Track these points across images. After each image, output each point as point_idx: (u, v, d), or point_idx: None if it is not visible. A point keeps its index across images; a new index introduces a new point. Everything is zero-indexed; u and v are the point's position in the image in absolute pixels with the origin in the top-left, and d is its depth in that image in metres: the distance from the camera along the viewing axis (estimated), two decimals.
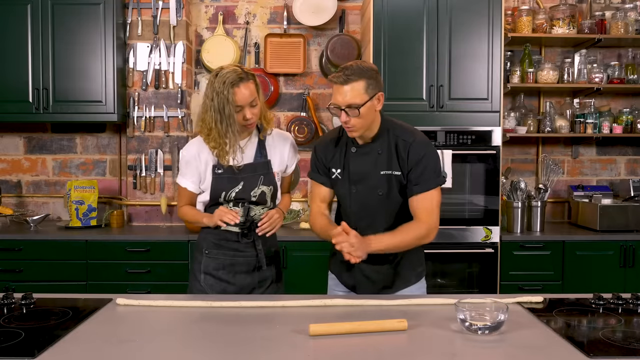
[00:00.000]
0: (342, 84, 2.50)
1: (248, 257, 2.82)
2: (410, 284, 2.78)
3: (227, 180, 2.74)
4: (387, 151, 2.65)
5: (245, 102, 2.62)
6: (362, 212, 2.70)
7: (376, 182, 2.65)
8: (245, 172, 2.76)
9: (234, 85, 2.59)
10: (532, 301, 2.41)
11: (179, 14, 4.78)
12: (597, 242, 4.40)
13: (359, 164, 2.68)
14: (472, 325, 1.99)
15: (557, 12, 4.71)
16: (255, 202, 2.78)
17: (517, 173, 5.08)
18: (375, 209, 2.69)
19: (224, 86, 2.59)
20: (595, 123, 4.81)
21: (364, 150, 2.68)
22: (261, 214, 2.81)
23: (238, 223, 2.71)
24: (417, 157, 2.61)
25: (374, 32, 4.32)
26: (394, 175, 2.63)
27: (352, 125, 2.53)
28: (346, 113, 2.50)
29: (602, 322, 2.17)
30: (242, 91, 2.60)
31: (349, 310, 2.31)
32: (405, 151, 2.63)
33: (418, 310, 2.29)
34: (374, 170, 2.65)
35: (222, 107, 2.60)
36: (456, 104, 4.35)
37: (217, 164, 2.75)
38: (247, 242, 2.80)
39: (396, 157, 2.64)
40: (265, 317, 2.22)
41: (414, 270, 2.79)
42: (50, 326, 2.09)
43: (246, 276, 2.82)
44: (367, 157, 2.67)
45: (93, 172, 5.13)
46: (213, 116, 2.64)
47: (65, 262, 4.31)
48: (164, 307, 2.35)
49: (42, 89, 4.54)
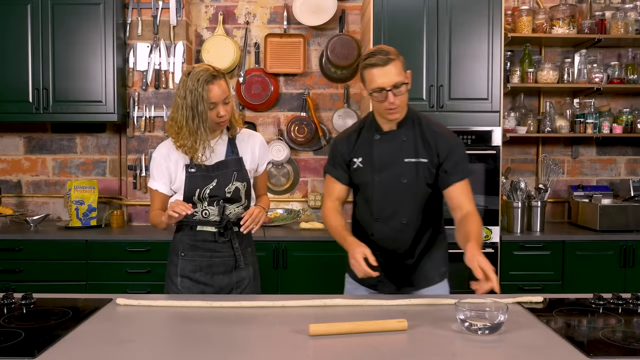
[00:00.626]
0: (383, 65, 2.49)
1: (225, 258, 2.81)
2: (433, 283, 2.76)
3: (201, 178, 2.73)
4: (413, 138, 2.64)
5: (219, 99, 2.64)
6: (385, 201, 2.67)
7: (400, 169, 2.63)
8: (218, 169, 2.76)
9: (208, 82, 2.61)
10: (532, 301, 2.41)
11: (179, 14, 4.78)
12: (597, 242, 4.40)
13: (383, 151, 2.66)
14: (472, 325, 1.99)
15: (557, 12, 4.71)
16: (229, 199, 2.77)
17: (517, 173, 5.08)
18: (399, 198, 2.64)
19: (198, 83, 2.60)
20: (595, 123, 4.81)
21: (387, 137, 2.66)
22: (236, 212, 2.80)
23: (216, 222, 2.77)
24: (448, 146, 2.62)
25: (374, 32, 4.32)
26: (420, 162, 2.62)
27: (399, 105, 2.54)
28: (393, 94, 2.49)
29: (602, 322, 2.17)
30: (216, 88, 2.63)
31: (349, 310, 2.31)
32: (434, 140, 2.62)
33: (418, 310, 2.29)
34: (398, 157, 2.64)
35: (196, 104, 2.61)
36: (456, 104, 4.35)
37: (189, 163, 2.75)
38: (224, 241, 2.78)
39: (422, 144, 2.63)
40: (265, 317, 2.22)
41: (437, 269, 2.78)
42: (50, 326, 2.09)
43: (224, 277, 2.81)
44: (391, 144, 2.65)
45: (93, 172, 5.13)
46: (185, 114, 2.65)
47: (65, 262, 4.30)
48: (164, 307, 2.35)
49: (42, 89, 4.54)
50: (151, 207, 2.87)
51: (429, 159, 2.62)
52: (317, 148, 5.08)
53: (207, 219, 2.78)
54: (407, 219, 2.66)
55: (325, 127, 5.06)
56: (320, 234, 4.47)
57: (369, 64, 2.52)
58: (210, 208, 2.76)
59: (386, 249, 2.71)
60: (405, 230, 2.69)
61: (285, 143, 5.01)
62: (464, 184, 2.63)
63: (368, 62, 2.52)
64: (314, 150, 5.12)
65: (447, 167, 2.61)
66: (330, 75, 5.05)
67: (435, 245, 2.77)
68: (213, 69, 2.67)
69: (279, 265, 4.27)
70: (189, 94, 2.62)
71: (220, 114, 2.67)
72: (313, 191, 5.10)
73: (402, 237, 2.70)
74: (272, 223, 4.76)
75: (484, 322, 2.00)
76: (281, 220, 4.82)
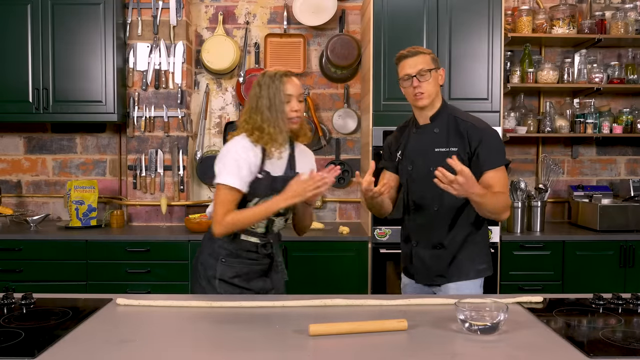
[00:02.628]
0: (412, 56, 2.76)
1: (263, 265, 2.83)
2: (468, 279, 2.82)
3: (264, 187, 2.70)
4: (445, 130, 2.80)
5: (295, 92, 2.72)
6: (417, 189, 2.85)
7: (431, 158, 2.77)
8: (279, 183, 2.70)
9: (283, 76, 2.72)
10: (532, 301, 2.41)
11: (179, 14, 4.78)
12: (597, 242, 4.40)
13: (416, 142, 2.87)
14: (472, 325, 1.99)
15: (557, 12, 4.71)
16: (280, 213, 2.76)
17: (517, 173, 5.08)
18: (430, 186, 2.66)
19: (275, 77, 2.71)
20: (595, 123, 4.81)
21: (422, 130, 2.86)
22: (280, 225, 2.86)
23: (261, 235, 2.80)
24: (480, 135, 2.74)
25: (374, 32, 4.32)
26: (450, 152, 2.73)
27: (424, 90, 2.74)
28: (417, 79, 2.72)
29: (602, 322, 2.17)
30: (293, 81, 2.74)
31: (349, 310, 2.31)
32: (465, 130, 2.77)
33: (418, 310, 2.29)
34: (430, 147, 2.81)
35: (273, 95, 2.68)
36: (456, 104, 4.31)
37: (259, 167, 2.71)
38: (265, 253, 2.82)
39: (455, 134, 2.77)
40: (265, 317, 2.22)
41: (473, 264, 2.83)
42: (50, 326, 2.09)
43: (259, 280, 2.82)
44: (424, 136, 2.85)
45: (93, 172, 5.13)
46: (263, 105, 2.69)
47: (65, 262, 4.30)
48: (164, 307, 2.35)
49: (42, 89, 4.55)
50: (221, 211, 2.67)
51: (460, 148, 2.74)
52: (317, 148, 5.07)
53: (253, 230, 2.78)
54: (438, 205, 2.79)
55: (325, 127, 5.06)
56: (320, 234, 4.47)
57: (400, 56, 2.81)
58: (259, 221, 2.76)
59: (422, 237, 2.87)
60: (437, 218, 2.82)
61: None
62: (498, 171, 2.72)
63: (400, 55, 2.81)
64: (314, 150, 5.07)
65: (480, 155, 2.72)
66: (330, 75, 5.05)
67: (474, 241, 2.85)
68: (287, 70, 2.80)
69: None
70: (266, 89, 2.70)
71: (295, 108, 2.72)
72: None
73: (436, 225, 2.82)
74: None
75: (484, 322, 1.99)
76: None
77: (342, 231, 4.45)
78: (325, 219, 5.09)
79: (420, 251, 2.86)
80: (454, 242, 2.81)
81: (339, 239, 4.36)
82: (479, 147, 2.72)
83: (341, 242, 4.33)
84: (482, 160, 2.71)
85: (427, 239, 2.85)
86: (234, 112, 5.09)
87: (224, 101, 5.11)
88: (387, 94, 4.29)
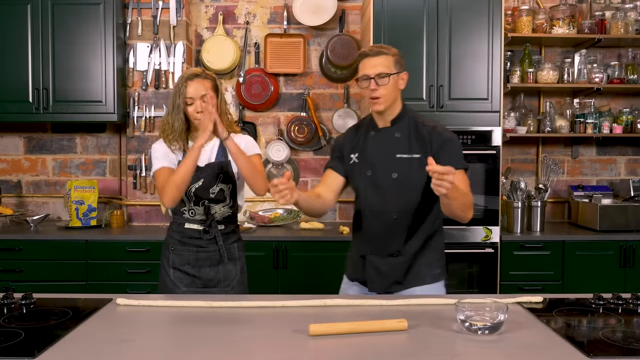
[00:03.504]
0: (373, 56, 2.67)
1: (210, 252, 2.98)
2: (424, 284, 2.74)
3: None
4: (407, 135, 2.72)
5: (196, 95, 2.83)
6: (375, 196, 2.73)
7: (391, 165, 2.70)
8: (205, 170, 2.92)
9: (187, 79, 2.84)
10: (532, 301, 2.41)
11: (179, 14, 4.78)
12: (597, 242, 4.40)
13: (376, 147, 2.76)
14: (472, 325, 1.99)
15: (557, 12, 4.71)
16: (214, 199, 2.94)
17: (517, 173, 5.08)
18: (389, 193, 2.69)
19: (181, 80, 2.86)
20: (595, 123, 4.81)
21: (382, 133, 2.77)
22: (222, 212, 2.98)
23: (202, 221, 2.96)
24: (442, 140, 2.69)
25: (374, 32, 4.32)
26: (413, 158, 2.68)
27: (381, 95, 2.65)
28: (375, 82, 2.63)
29: (602, 322, 2.17)
30: (194, 84, 2.83)
31: (349, 310, 2.31)
32: (428, 135, 2.70)
33: (418, 310, 2.29)
34: (390, 153, 2.72)
35: (174, 98, 2.86)
36: (456, 104, 4.35)
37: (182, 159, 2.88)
38: (208, 238, 2.96)
39: (417, 140, 2.70)
40: (264, 317, 2.22)
41: (430, 270, 2.75)
42: (50, 326, 2.09)
43: (210, 270, 2.98)
44: (384, 141, 2.75)
45: (93, 172, 5.13)
46: (169, 108, 2.90)
47: (65, 262, 4.31)
48: (164, 307, 2.35)
49: (42, 89, 4.55)
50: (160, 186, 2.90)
51: (422, 154, 2.66)
52: (317, 148, 5.08)
53: (193, 218, 2.96)
54: (397, 214, 2.69)
55: (325, 127, 5.06)
56: (320, 234, 4.47)
57: (362, 53, 2.72)
58: (196, 208, 2.95)
59: (377, 245, 2.75)
60: (396, 226, 2.71)
61: (285, 143, 5.01)
62: (459, 175, 2.61)
63: (362, 52, 2.73)
64: (314, 150, 5.12)
65: (441, 159, 2.55)
66: (330, 75, 5.05)
67: (430, 246, 2.77)
68: (202, 70, 2.91)
69: (279, 265, 4.27)
70: (173, 91, 2.90)
71: (198, 109, 2.83)
72: None
73: (393, 233, 2.72)
74: (272, 223, 4.76)
75: (484, 322, 1.99)
76: (281, 220, 4.81)
77: (342, 231, 4.45)
78: (325, 219, 5.08)
79: (375, 259, 2.74)
80: (411, 249, 2.72)
81: (339, 239, 4.35)
82: (441, 152, 2.64)
83: (341, 242, 4.32)
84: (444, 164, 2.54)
85: (383, 247, 2.73)
86: (234, 111, 5.08)
87: None
88: None
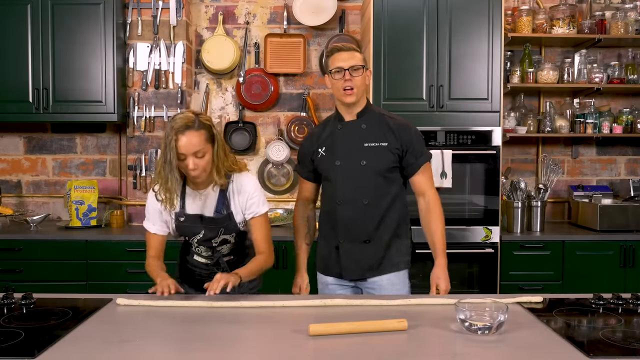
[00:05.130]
0: (346, 50, 2.84)
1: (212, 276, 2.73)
2: (398, 270, 2.91)
3: (189, 228, 2.75)
4: (374, 125, 2.89)
5: (188, 152, 2.49)
6: (346, 184, 2.88)
7: (360, 153, 2.86)
8: (206, 222, 2.72)
9: (178, 132, 2.48)
10: (532, 301, 2.41)
11: (179, 14, 4.78)
12: (597, 242, 4.40)
13: (344, 138, 2.91)
14: (472, 325, 1.99)
15: (557, 12, 4.71)
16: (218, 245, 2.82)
17: (517, 173, 5.08)
18: (359, 179, 2.86)
19: (171, 131, 2.49)
20: (595, 123, 4.81)
21: (349, 125, 2.92)
22: (229, 247, 2.85)
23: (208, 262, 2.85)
24: (410, 136, 2.89)
25: (374, 32, 4.32)
26: (380, 146, 2.85)
27: (354, 86, 2.81)
28: (350, 73, 2.79)
29: (602, 322, 2.18)
30: (184, 139, 2.47)
31: (349, 310, 2.31)
32: (397, 129, 2.88)
33: (418, 310, 2.29)
34: (358, 143, 2.87)
35: (166, 152, 2.51)
36: (456, 104, 4.35)
37: (178, 211, 2.71)
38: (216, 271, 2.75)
39: (384, 131, 2.87)
40: (265, 317, 2.23)
41: (402, 257, 2.93)
42: (50, 326, 2.09)
43: None
44: (351, 132, 2.90)
45: (93, 172, 5.13)
46: (160, 161, 2.57)
47: (65, 262, 4.31)
48: (164, 307, 2.36)
49: (42, 89, 4.54)
50: (147, 251, 2.83)
51: (389, 143, 2.86)
52: None
53: (200, 254, 2.88)
54: (367, 199, 2.85)
55: None
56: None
57: (334, 48, 2.87)
58: (201, 247, 2.84)
59: (350, 232, 2.89)
60: (367, 212, 2.87)
61: (285, 143, 5.01)
62: (425, 169, 2.92)
63: (334, 47, 2.88)
64: None
65: (411, 156, 2.88)
66: None
67: (402, 234, 2.94)
68: (195, 117, 2.53)
69: (279, 265, 4.26)
70: (163, 143, 2.52)
71: (191, 167, 2.51)
72: None
73: (365, 219, 2.87)
74: (272, 223, 4.75)
75: (484, 322, 2.00)
76: (281, 220, 4.82)
77: None
78: None
79: (349, 246, 2.89)
80: (384, 235, 2.88)
81: None
82: (410, 148, 2.87)
83: None
84: (414, 161, 2.88)
85: (355, 233, 2.87)
86: (234, 112, 5.09)
87: (224, 101, 5.11)
88: (388, 94, 4.29)
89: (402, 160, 2.87)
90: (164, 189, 2.59)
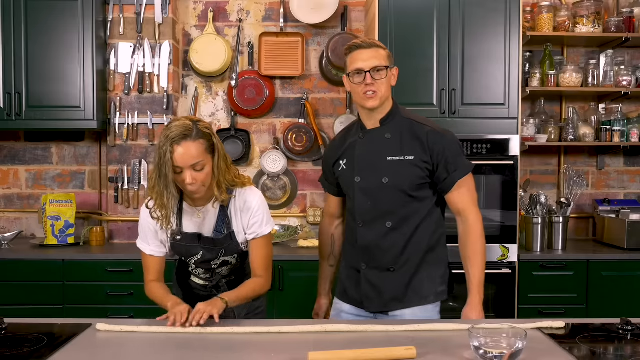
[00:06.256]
0: (367, 48, 2.66)
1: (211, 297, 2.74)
2: (427, 302, 2.76)
3: (185, 248, 2.71)
4: (398, 135, 2.72)
5: (185, 164, 2.43)
6: (367, 204, 2.74)
7: (381, 168, 2.70)
8: (204, 242, 2.69)
9: (174, 142, 2.41)
10: (553, 326, 2.42)
11: (164, 11, 4.80)
12: (624, 261, 4.41)
13: (364, 149, 2.77)
14: (488, 353, 1.99)
15: (580, 9, 4.73)
16: (218, 267, 2.80)
17: (537, 186, 5.09)
18: (381, 199, 2.71)
19: (166, 141, 2.41)
20: (623, 131, 4.82)
21: (370, 135, 2.77)
22: (229, 268, 2.82)
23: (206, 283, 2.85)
24: (441, 146, 2.70)
25: (379, 30, 4.34)
26: (405, 160, 2.68)
27: (377, 89, 2.65)
28: (371, 76, 2.63)
29: (630, 349, 2.18)
30: (181, 150, 2.41)
31: (351, 336, 2.32)
32: (425, 136, 2.70)
33: (428, 337, 2.29)
34: (380, 156, 2.72)
35: (161, 165, 2.44)
36: (470, 110, 4.36)
37: (175, 229, 2.67)
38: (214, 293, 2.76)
39: (411, 140, 2.70)
40: (259, 344, 2.23)
41: (433, 287, 2.78)
42: (23, 354, 2.09)
43: None
44: (373, 143, 2.74)
45: (70, 184, 5.13)
46: (153, 174, 2.51)
47: (40, 283, 4.31)
48: (148, 332, 2.36)
49: (14, 94, 4.55)
50: (145, 274, 2.77)
51: (416, 156, 2.68)
52: (316, 158, 5.09)
53: (198, 276, 2.87)
54: (391, 222, 2.71)
55: (326, 135, 5.07)
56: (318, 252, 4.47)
57: (352, 46, 2.70)
58: (199, 269, 2.83)
59: (372, 258, 2.76)
60: (391, 236, 2.73)
61: (282, 153, 5.02)
62: (462, 184, 2.72)
63: (352, 45, 2.71)
64: (313, 161, 5.13)
65: (444, 170, 2.70)
66: (331, 78, 5.07)
67: (432, 259, 2.79)
68: (192, 125, 2.46)
69: (275, 287, 4.26)
70: (157, 154, 2.46)
71: (188, 181, 2.46)
72: (312, 206, 5.10)
73: (388, 244, 2.74)
74: None
75: (501, 350, 2.00)
76: (277, 238, 4.81)
77: None
78: None
79: (371, 274, 2.76)
80: (410, 261, 2.74)
81: None
82: (443, 158, 2.69)
83: None
84: (450, 174, 2.70)
85: (378, 259, 2.75)
86: (226, 118, 5.10)
87: (215, 106, 5.13)
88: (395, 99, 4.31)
89: (434, 175, 2.71)
90: (159, 205, 2.53)
